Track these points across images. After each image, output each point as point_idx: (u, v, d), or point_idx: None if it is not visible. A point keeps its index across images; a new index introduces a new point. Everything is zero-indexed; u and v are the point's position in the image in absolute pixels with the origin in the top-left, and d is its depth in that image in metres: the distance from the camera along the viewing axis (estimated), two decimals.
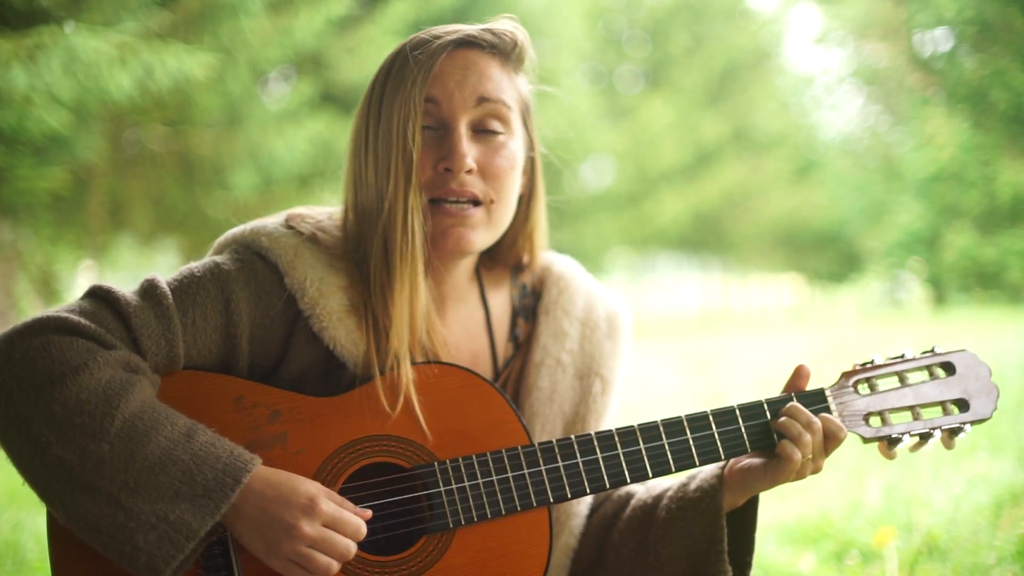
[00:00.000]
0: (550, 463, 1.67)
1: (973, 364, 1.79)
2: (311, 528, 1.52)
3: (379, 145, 1.69)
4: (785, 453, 1.66)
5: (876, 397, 1.76)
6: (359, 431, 1.64)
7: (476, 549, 1.65)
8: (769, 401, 1.73)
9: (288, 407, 1.64)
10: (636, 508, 1.83)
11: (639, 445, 1.69)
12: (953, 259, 18.00)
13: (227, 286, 1.65)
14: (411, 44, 1.73)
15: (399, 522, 1.65)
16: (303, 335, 1.68)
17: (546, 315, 1.90)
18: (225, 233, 1.76)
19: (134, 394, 1.52)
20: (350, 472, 1.64)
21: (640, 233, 24.07)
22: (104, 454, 1.47)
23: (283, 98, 10.96)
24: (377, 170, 1.69)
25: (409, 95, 1.67)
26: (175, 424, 1.53)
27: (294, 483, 1.55)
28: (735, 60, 24.76)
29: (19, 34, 5.73)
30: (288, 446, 1.62)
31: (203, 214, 9.58)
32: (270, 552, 1.53)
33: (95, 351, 1.53)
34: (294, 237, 1.71)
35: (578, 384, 1.88)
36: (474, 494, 1.64)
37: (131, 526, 1.47)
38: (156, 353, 1.60)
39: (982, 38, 15.25)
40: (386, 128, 1.69)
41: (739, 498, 1.74)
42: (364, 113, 1.75)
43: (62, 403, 1.48)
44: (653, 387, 8.10)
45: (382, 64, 1.76)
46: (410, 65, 1.69)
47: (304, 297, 1.67)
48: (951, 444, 1.78)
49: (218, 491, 1.50)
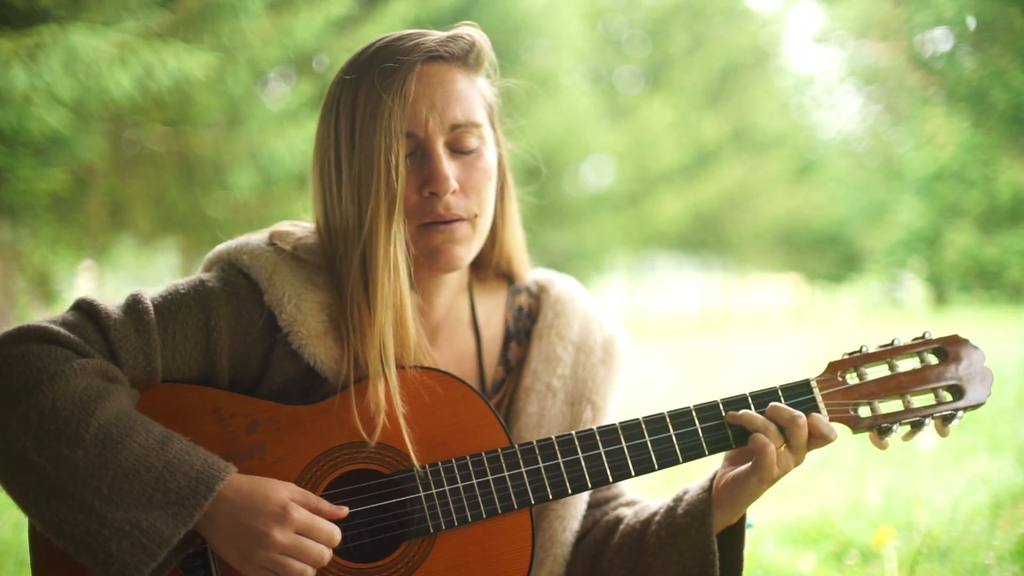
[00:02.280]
0: (530, 464, 1.66)
1: (966, 349, 1.73)
2: (283, 536, 1.52)
3: (355, 170, 1.67)
4: (758, 445, 1.64)
5: (865, 386, 1.71)
6: (338, 438, 1.64)
7: (457, 553, 1.63)
8: (753, 395, 1.71)
9: (266, 417, 1.64)
10: (625, 534, 1.81)
11: (621, 444, 1.67)
12: (953, 258, 18.01)
13: (208, 303, 1.66)
14: (374, 65, 1.70)
15: (379, 528, 1.65)
16: (282, 351, 1.68)
17: (539, 339, 1.89)
18: (215, 248, 1.77)
19: (110, 402, 1.53)
20: (330, 479, 1.63)
21: (640, 233, 24.08)
22: (78, 460, 1.48)
23: (283, 98, 10.97)
24: (354, 195, 1.67)
25: (388, 127, 1.65)
26: (150, 432, 1.53)
27: (266, 490, 1.55)
28: (735, 60, 24.77)
29: (19, 33, 5.74)
30: (267, 456, 1.62)
31: (203, 214, 9.58)
32: (244, 561, 1.54)
33: (72, 359, 1.54)
34: (275, 254, 1.72)
35: (568, 410, 1.86)
36: (454, 498, 1.63)
37: (104, 533, 1.47)
38: (134, 367, 1.61)
39: (982, 38, 15.26)
40: (364, 157, 1.66)
41: (731, 515, 1.71)
42: (330, 132, 1.72)
43: (38, 409, 1.49)
44: (653, 387, 8.10)
45: (342, 84, 1.72)
46: (377, 92, 1.67)
47: (282, 314, 1.67)
48: (945, 431, 1.72)
49: (191, 499, 1.50)
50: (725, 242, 25.34)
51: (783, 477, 1.69)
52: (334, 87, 1.75)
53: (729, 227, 24.64)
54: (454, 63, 1.75)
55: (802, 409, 1.69)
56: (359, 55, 1.75)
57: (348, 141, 1.69)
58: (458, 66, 1.75)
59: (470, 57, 1.77)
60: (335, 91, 1.74)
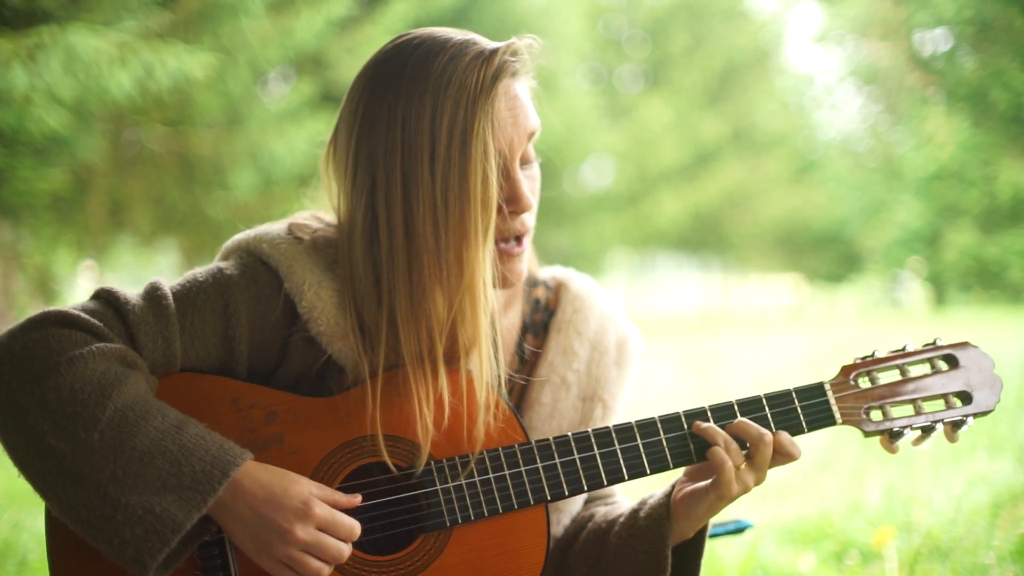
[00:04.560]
0: (547, 461, 1.67)
1: (976, 356, 1.77)
2: (304, 532, 1.53)
3: (437, 187, 1.62)
4: (716, 461, 1.64)
5: (877, 391, 1.74)
6: (355, 431, 1.65)
7: (473, 548, 1.65)
8: (768, 396, 1.72)
9: (284, 408, 1.64)
10: (591, 532, 1.83)
11: (636, 441, 1.68)
12: (953, 258, 18.03)
13: (227, 291, 1.67)
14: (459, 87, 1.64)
15: (396, 521, 1.65)
16: (301, 339, 1.68)
17: (558, 333, 1.91)
18: (232, 238, 1.78)
19: (127, 386, 1.53)
20: (347, 472, 1.64)
21: (640, 233, 24.10)
22: (94, 443, 1.49)
23: (283, 98, 10.97)
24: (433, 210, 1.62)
25: (484, 146, 1.62)
26: (166, 416, 1.54)
27: (286, 484, 1.55)
28: (735, 60, 24.79)
29: (19, 34, 5.75)
30: (285, 447, 1.63)
31: (203, 214, 9.60)
32: (261, 553, 1.54)
33: (91, 343, 1.55)
34: (294, 244, 1.72)
35: (580, 405, 1.88)
36: (471, 492, 1.65)
37: (119, 519, 1.48)
38: (153, 351, 1.62)
39: (982, 38, 15.27)
40: (456, 174, 1.62)
41: (687, 528, 1.71)
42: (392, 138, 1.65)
43: (56, 392, 1.50)
44: (653, 387, 8.10)
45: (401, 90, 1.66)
46: (467, 109, 1.62)
47: (302, 302, 1.68)
48: (954, 437, 1.76)
49: (205, 483, 1.50)
50: (725, 242, 25.35)
51: (743, 495, 1.68)
52: (381, 88, 1.68)
53: (729, 227, 24.65)
54: (521, 76, 1.74)
55: (816, 413, 1.71)
56: (420, 61, 1.67)
57: (428, 155, 1.63)
58: (523, 79, 1.74)
59: (528, 68, 1.76)
60: (388, 93, 1.67)
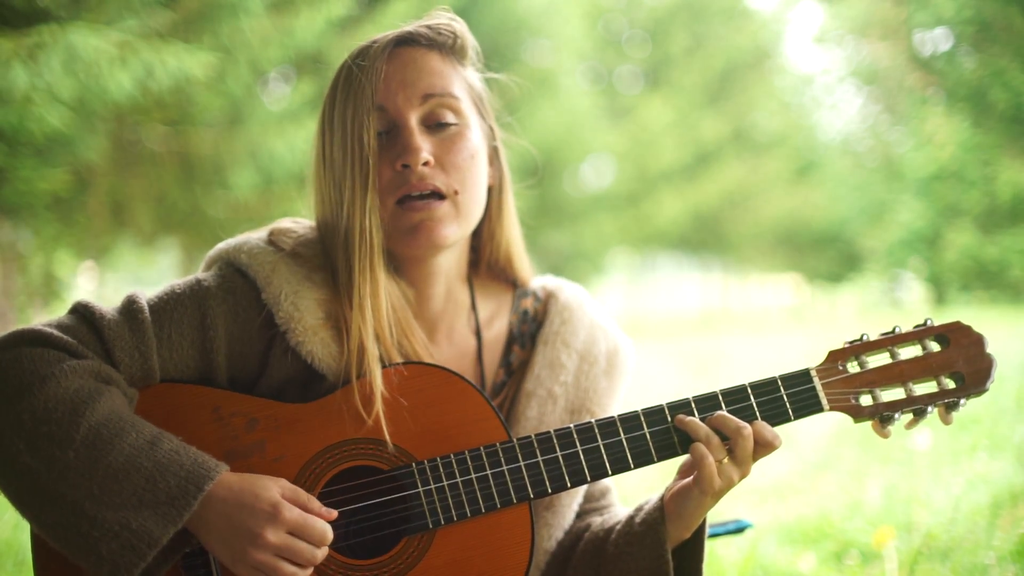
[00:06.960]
0: (529, 459, 1.66)
1: (968, 336, 1.70)
2: (275, 536, 1.52)
3: (335, 157, 1.72)
4: (697, 455, 1.63)
5: (866, 375, 1.68)
6: (337, 435, 1.64)
7: (457, 548, 1.64)
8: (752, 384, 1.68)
9: (265, 415, 1.64)
10: (589, 541, 1.82)
11: (620, 436, 1.67)
12: (954, 258, 18.02)
13: (204, 302, 1.67)
14: (352, 55, 1.76)
15: (379, 524, 1.65)
16: (280, 349, 1.68)
17: (545, 345, 1.88)
18: (214, 247, 1.79)
19: (101, 403, 1.53)
20: (329, 476, 1.64)
21: (640, 233, 24.09)
22: (69, 462, 1.49)
23: (283, 98, 10.97)
24: (335, 182, 1.71)
25: (359, 104, 1.70)
26: (140, 432, 1.53)
27: (256, 489, 1.55)
28: (735, 60, 24.78)
29: (19, 33, 5.74)
30: (267, 454, 1.62)
31: (204, 214, 9.58)
32: (236, 561, 1.54)
33: (64, 360, 1.55)
34: (273, 253, 1.73)
35: (567, 418, 1.86)
36: (453, 493, 1.63)
37: (95, 535, 1.48)
38: (130, 365, 1.62)
39: (982, 38, 15.27)
40: (340, 139, 1.71)
41: (683, 528, 1.70)
42: (320, 129, 1.78)
43: (30, 412, 1.50)
44: (653, 387, 8.10)
45: (331, 80, 1.78)
46: (354, 74, 1.72)
47: (279, 311, 1.67)
48: (948, 419, 1.69)
49: (180, 498, 1.50)
50: (725, 242, 25.34)
51: (730, 490, 1.66)
52: (327, 90, 1.79)
53: (729, 227, 24.65)
54: (434, 48, 1.78)
55: (802, 399, 1.67)
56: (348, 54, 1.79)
57: (330, 129, 1.74)
58: (435, 50, 1.78)
59: (455, 45, 1.80)
60: (327, 93, 1.78)
